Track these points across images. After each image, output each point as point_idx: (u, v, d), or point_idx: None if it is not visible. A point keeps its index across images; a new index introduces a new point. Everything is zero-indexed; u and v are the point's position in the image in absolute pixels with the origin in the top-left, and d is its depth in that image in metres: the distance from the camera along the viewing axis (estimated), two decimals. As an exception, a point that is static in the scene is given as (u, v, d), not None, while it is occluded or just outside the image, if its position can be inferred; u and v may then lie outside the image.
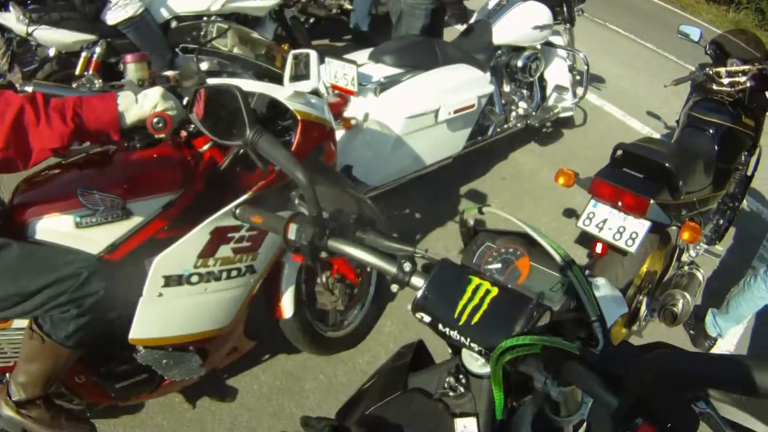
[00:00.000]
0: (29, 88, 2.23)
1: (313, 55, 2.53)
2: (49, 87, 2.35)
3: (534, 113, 5.56)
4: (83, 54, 5.07)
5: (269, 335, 3.14)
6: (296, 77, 2.52)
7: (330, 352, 3.48)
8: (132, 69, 2.44)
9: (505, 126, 5.34)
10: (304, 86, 2.52)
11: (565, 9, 5.99)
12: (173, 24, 5.45)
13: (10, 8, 4.85)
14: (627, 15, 11.57)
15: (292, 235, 1.66)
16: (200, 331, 2.55)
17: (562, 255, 1.33)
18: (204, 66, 2.89)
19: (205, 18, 5.59)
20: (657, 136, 6.93)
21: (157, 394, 2.76)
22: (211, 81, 2.47)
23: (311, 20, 7.67)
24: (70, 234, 2.22)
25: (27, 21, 4.79)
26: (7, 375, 2.33)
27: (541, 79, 5.79)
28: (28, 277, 2.09)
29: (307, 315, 3.14)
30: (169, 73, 2.58)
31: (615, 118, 7.21)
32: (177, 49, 3.06)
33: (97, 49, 5.07)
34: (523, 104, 5.43)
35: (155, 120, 2.03)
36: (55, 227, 2.22)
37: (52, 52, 5.11)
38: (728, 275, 4.66)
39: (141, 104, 2.03)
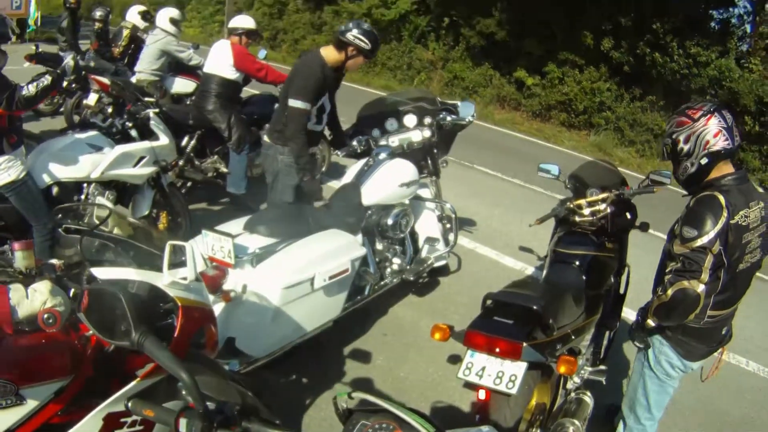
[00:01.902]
0: None
1: (189, 246, 2.66)
2: None
3: (408, 267, 5.71)
4: (-35, 218, 5.03)
5: None
6: (174, 265, 2.63)
7: None
8: (20, 257, 2.50)
9: (382, 283, 5.46)
10: (182, 275, 2.63)
11: (429, 162, 6.38)
12: (54, 190, 5.53)
13: None
14: (492, 153, 12.08)
15: (182, 429, 1.80)
16: None
17: (426, 427, 1.49)
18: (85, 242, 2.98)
19: (85, 186, 5.68)
20: (530, 270, 7.27)
21: None
22: (96, 270, 2.55)
23: (188, 184, 7.84)
24: None
25: None
26: None
27: (413, 233, 5.98)
28: None
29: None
30: (55, 261, 2.66)
31: (488, 258, 7.47)
32: (59, 229, 3.14)
33: (-20, 213, 5.05)
34: (396, 260, 5.60)
35: (45, 316, 2.12)
36: None
37: None
38: (617, 390, 4.94)
39: (31, 300, 2.12)
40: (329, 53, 5.36)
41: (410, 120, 6.28)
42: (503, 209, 9.39)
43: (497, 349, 3.38)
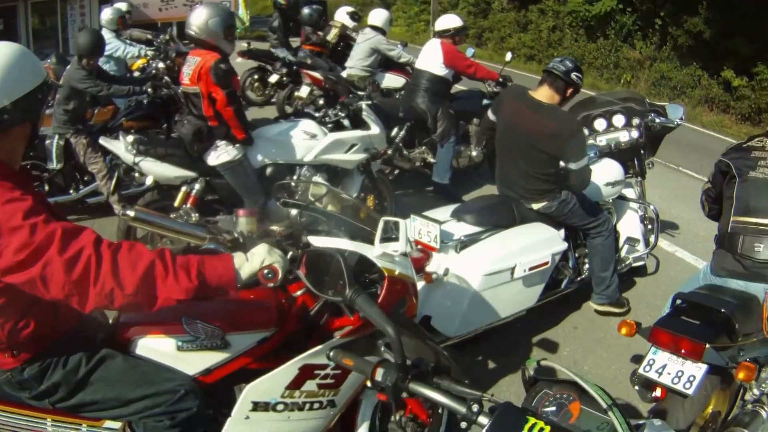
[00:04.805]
0: (131, 213, 2.54)
1: (402, 222, 2.79)
2: (149, 215, 2.66)
3: (608, 265, 5.66)
4: (183, 188, 5.55)
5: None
6: (385, 239, 2.79)
7: (399, 487, 3.59)
8: (243, 222, 2.76)
9: (578, 279, 5.49)
10: (393, 248, 2.78)
11: (636, 163, 6.31)
12: (268, 170, 5.93)
13: (120, 137, 5.37)
14: (699, 157, 11.58)
15: (378, 377, 2.00)
16: None
17: (604, 399, 1.57)
18: (293, 211, 3.24)
19: (298, 168, 6.06)
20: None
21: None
22: (313, 239, 2.76)
23: (395, 172, 8.13)
24: (170, 355, 2.52)
25: (134, 151, 5.29)
26: None
27: (614, 234, 5.84)
28: (130, 386, 2.41)
29: (379, 450, 3.29)
30: (275, 228, 2.89)
31: (687, 263, 7.20)
32: (278, 203, 3.40)
33: (197, 186, 5.57)
34: (596, 257, 5.55)
35: (266, 272, 2.30)
36: (157, 347, 2.53)
37: (148, 181, 5.59)
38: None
39: (251, 261, 2.31)
40: (545, 95, 4.91)
41: (619, 120, 6.26)
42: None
43: (680, 349, 3.35)
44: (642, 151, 6.35)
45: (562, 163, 5.01)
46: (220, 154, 5.56)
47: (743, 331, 3.57)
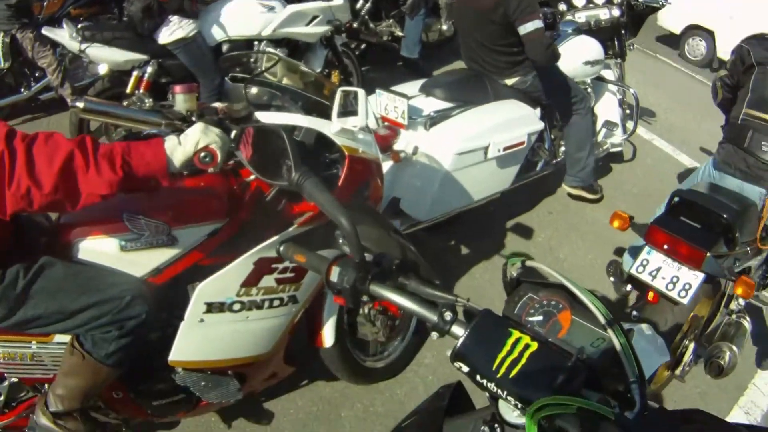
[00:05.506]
0: (80, 104, 2.25)
1: (362, 93, 2.56)
2: (100, 104, 2.37)
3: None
4: (134, 73, 5.23)
5: (309, 361, 3.17)
6: (344, 113, 2.54)
7: (369, 381, 3.48)
8: (181, 99, 2.39)
9: (554, 162, 5.28)
10: (352, 123, 2.55)
11: (616, 44, 6.00)
12: (224, 47, 5.60)
13: (64, 25, 5.00)
14: (678, 47, 11.43)
15: (334, 277, 1.69)
16: (240, 357, 2.59)
17: (603, 313, 1.32)
18: (253, 91, 2.91)
19: (256, 43, 5.72)
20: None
21: (194, 413, 2.79)
22: (260, 115, 2.49)
23: (362, 46, 7.76)
24: (114, 256, 2.27)
25: (80, 38, 4.94)
26: (46, 386, 2.39)
27: (592, 114, 5.66)
28: (72, 296, 2.15)
29: (347, 344, 3.16)
30: (218, 104, 2.58)
31: (664, 152, 7.10)
32: (227, 78, 3.07)
33: (149, 69, 5.23)
34: (572, 139, 5.37)
35: (202, 155, 2.02)
36: (100, 249, 2.27)
37: (102, 70, 5.23)
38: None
39: (184, 145, 2.02)
40: None
41: (600, -5, 5.93)
42: (684, 105, 8.75)
43: (678, 252, 3.18)
44: (623, 31, 6.01)
45: None
46: (174, 30, 5.19)
47: (741, 240, 3.40)
